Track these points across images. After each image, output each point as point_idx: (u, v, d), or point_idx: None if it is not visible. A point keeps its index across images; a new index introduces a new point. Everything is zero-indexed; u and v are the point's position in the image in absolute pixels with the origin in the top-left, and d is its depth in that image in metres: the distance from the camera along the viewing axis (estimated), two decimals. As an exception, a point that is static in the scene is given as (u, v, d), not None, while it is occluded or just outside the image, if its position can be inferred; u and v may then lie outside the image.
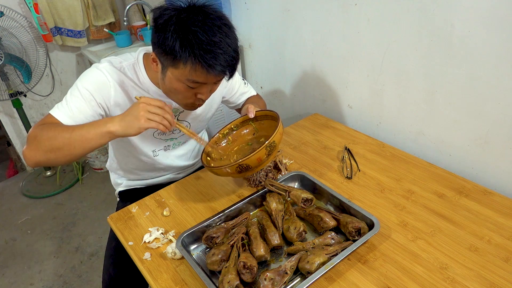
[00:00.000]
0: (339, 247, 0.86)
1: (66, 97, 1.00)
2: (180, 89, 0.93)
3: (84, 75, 1.02)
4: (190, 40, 0.84)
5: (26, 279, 1.92)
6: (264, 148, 0.92)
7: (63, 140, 0.88)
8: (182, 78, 0.90)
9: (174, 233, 0.98)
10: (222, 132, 1.17)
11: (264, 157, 0.94)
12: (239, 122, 1.17)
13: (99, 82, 1.00)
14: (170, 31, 0.85)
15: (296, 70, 1.69)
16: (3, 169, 2.83)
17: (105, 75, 1.01)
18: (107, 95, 1.02)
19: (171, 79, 0.93)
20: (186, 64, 0.86)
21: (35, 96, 2.57)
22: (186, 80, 0.90)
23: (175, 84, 0.93)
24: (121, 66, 1.04)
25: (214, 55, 0.85)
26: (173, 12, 0.86)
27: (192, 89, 0.93)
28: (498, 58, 0.99)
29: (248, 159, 0.91)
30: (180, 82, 0.92)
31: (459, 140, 1.17)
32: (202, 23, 0.84)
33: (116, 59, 1.06)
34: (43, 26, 2.25)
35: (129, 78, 1.04)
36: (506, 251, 0.87)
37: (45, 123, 0.94)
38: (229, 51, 0.87)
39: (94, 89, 0.99)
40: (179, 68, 0.88)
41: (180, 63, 0.87)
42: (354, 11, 1.30)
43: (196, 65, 0.86)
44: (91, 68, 1.03)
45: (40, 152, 0.90)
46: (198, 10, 0.87)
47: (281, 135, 0.98)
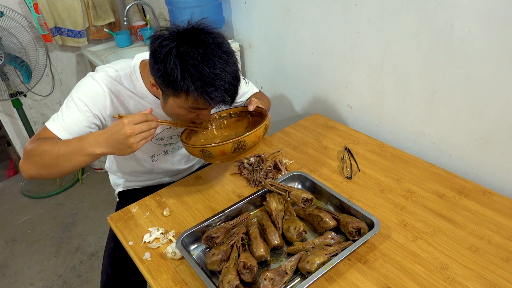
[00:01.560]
0: (339, 247, 0.86)
1: (62, 108, 0.99)
2: (182, 114, 0.96)
3: (80, 85, 1.01)
4: (192, 74, 0.84)
5: (26, 279, 1.92)
6: (231, 143, 0.92)
7: (51, 158, 0.89)
8: (185, 106, 0.92)
9: (174, 233, 0.98)
10: (219, 114, 1.16)
11: (230, 152, 0.94)
12: (238, 110, 1.16)
13: (95, 92, 0.99)
14: (170, 64, 0.84)
15: (296, 70, 1.69)
16: (3, 169, 2.83)
17: (100, 85, 1.00)
18: (103, 106, 1.01)
19: (173, 106, 0.94)
20: (188, 96, 0.87)
21: (35, 96, 2.57)
22: (188, 107, 0.92)
23: (176, 110, 0.95)
24: (117, 75, 1.03)
25: (215, 88, 0.86)
26: (173, 43, 0.85)
27: (193, 113, 0.96)
28: (498, 58, 0.99)
29: (211, 147, 0.93)
30: (181, 109, 0.94)
31: (459, 140, 1.17)
32: (203, 56, 0.84)
33: (111, 68, 1.04)
34: (43, 26, 2.25)
35: (125, 88, 1.04)
36: (506, 251, 0.87)
37: (39, 138, 0.95)
38: (229, 80, 0.88)
39: (89, 100, 0.98)
40: (181, 98, 0.89)
41: (181, 94, 0.87)
42: (354, 11, 1.30)
43: (198, 98, 0.87)
44: (86, 78, 1.02)
45: (33, 167, 0.93)
46: (197, 40, 0.85)
47: (256, 137, 0.96)
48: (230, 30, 1.99)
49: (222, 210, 0.99)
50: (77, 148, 0.88)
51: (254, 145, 0.99)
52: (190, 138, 1.10)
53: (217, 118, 1.16)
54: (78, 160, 0.89)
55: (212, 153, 0.94)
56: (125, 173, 1.29)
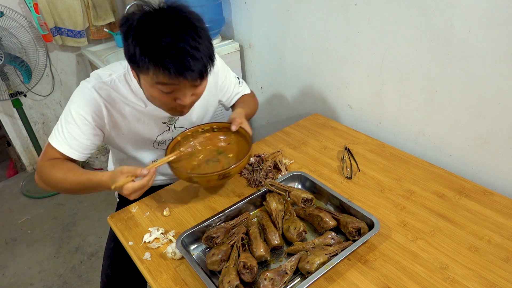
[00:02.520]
0: (339, 247, 0.86)
1: (62, 123, 1.01)
2: (156, 95, 0.92)
3: (75, 97, 1.01)
4: (150, 46, 0.82)
5: (26, 279, 1.92)
6: (217, 175, 0.96)
7: (64, 186, 0.99)
8: (152, 82, 0.88)
9: (174, 233, 0.98)
10: (202, 127, 1.16)
11: (215, 180, 0.98)
12: (221, 126, 1.16)
13: (90, 103, 0.99)
14: (130, 39, 0.84)
15: (296, 70, 1.69)
16: (3, 169, 2.83)
17: (94, 96, 0.99)
18: (100, 115, 1.01)
19: (145, 85, 0.92)
20: (149, 70, 0.84)
21: (35, 96, 2.57)
22: (156, 83, 0.88)
23: (149, 90, 0.92)
24: (111, 79, 1.02)
25: (176, 60, 0.82)
26: (137, 17, 0.84)
27: (168, 94, 0.91)
28: (498, 58, 0.99)
29: (197, 177, 0.98)
30: (153, 88, 0.90)
31: (459, 140, 1.17)
32: (162, 26, 0.82)
33: (105, 72, 1.03)
34: (43, 26, 2.25)
35: (120, 94, 1.03)
36: (506, 251, 0.87)
37: (49, 158, 1.02)
38: (195, 55, 0.83)
39: (86, 112, 0.99)
40: (146, 74, 0.87)
41: (144, 69, 0.86)
42: (354, 11, 1.30)
43: (158, 71, 0.84)
44: (81, 88, 1.01)
45: (47, 187, 1.03)
46: (162, 13, 0.84)
47: (240, 168, 1.00)
48: (230, 30, 1.99)
49: (222, 210, 0.99)
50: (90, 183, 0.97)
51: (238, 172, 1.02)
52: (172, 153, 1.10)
53: (199, 132, 1.16)
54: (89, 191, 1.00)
55: (199, 181, 1.00)
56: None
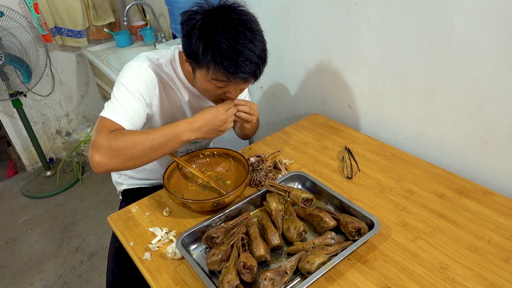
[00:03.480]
0: (339, 247, 0.86)
1: (116, 97, 0.97)
2: (209, 89, 0.98)
3: (130, 73, 1.00)
4: (212, 47, 0.86)
5: (26, 279, 1.92)
6: (210, 203, 0.97)
7: (144, 149, 0.92)
8: (208, 78, 0.94)
9: (174, 233, 0.98)
10: (203, 153, 1.19)
11: (209, 208, 0.99)
12: (221, 152, 1.19)
13: (147, 81, 1.02)
14: (194, 37, 0.88)
15: (296, 70, 1.69)
16: (3, 169, 2.84)
17: (150, 73, 1.03)
18: (153, 94, 1.05)
19: (200, 79, 0.97)
20: (209, 69, 0.90)
21: (35, 96, 2.57)
22: (212, 80, 0.94)
23: (204, 84, 0.97)
24: (159, 64, 1.07)
25: (235, 62, 0.87)
26: (200, 16, 0.88)
27: (221, 89, 0.97)
28: (498, 58, 0.99)
29: (191, 203, 0.98)
30: (208, 82, 0.95)
31: (459, 140, 1.17)
32: (225, 29, 0.86)
33: (153, 56, 1.07)
34: (43, 26, 2.25)
35: (167, 76, 1.08)
36: (506, 251, 0.87)
37: (111, 130, 0.92)
38: (251, 58, 0.88)
39: (143, 88, 1.01)
40: (203, 69, 0.92)
41: (203, 66, 0.90)
42: (354, 11, 1.30)
43: (218, 72, 0.89)
44: (134, 66, 1.02)
45: (118, 160, 0.91)
46: (224, 15, 0.88)
47: (235, 197, 1.02)
48: (230, 30, 1.99)
49: (222, 210, 0.99)
50: (171, 136, 0.95)
51: (233, 201, 1.03)
52: (172, 176, 1.12)
53: (200, 157, 1.19)
54: (171, 147, 0.96)
55: (192, 207, 1.01)
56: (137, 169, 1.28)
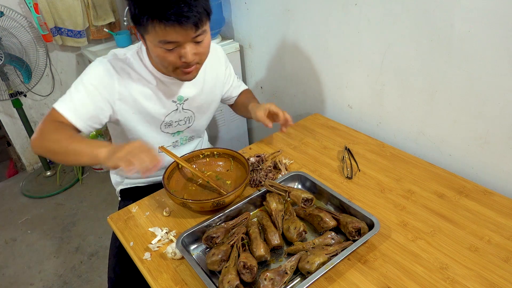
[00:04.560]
0: (339, 247, 0.86)
1: (70, 90, 1.01)
2: (162, 55, 0.94)
3: (89, 68, 1.04)
4: (145, 2, 0.86)
5: (26, 279, 1.92)
6: (211, 202, 0.97)
7: (60, 148, 0.94)
8: (155, 41, 0.91)
9: (174, 233, 0.98)
10: (203, 153, 1.20)
11: (209, 208, 0.99)
12: (221, 152, 1.19)
13: (104, 75, 1.02)
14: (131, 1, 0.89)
15: (296, 70, 1.69)
16: (3, 169, 2.83)
17: (108, 68, 1.03)
18: (111, 88, 1.03)
19: (151, 47, 0.96)
20: (147, 26, 0.89)
21: (35, 96, 2.57)
22: (159, 43, 0.91)
23: (155, 51, 0.94)
24: (126, 57, 1.06)
25: (170, 7, 0.85)
26: None
27: (171, 52, 0.93)
28: (498, 58, 0.99)
29: (191, 203, 0.98)
30: (157, 47, 0.93)
31: (459, 140, 1.17)
32: None
33: (121, 50, 1.08)
34: (43, 26, 2.25)
35: (132, 69, 1.06)
36: (506, 251, 0.87)
37: (53, 120, 0.98)
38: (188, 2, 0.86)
39: (98, 83, 1.01)
40: (149, 33, 0.91)
41: (145, 28, 0.90)
42: (354, 11, 1.30)
43: (155, 25, 0.87)
44: (96, 62, 1.05)
45: (42, 148, 0.97)
46: None
47: (235, 196, 1.01)
48: (230, 30, 1.99)
49: (222, 210, 0.99)
50: (86, 147, 0.92)
51: (233, 201, 1.03)
52: (172, 176, 1.12)
53: (200, 157, 1.19)
54: (84, 160, 0.93)
55: (192, 207, 1.01)
56: None
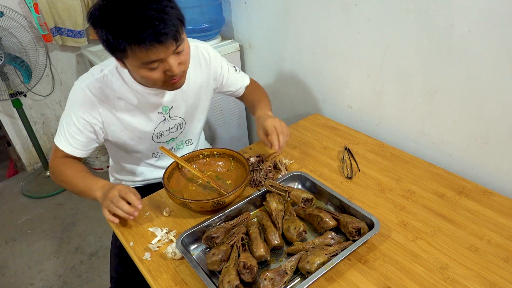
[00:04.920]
0: (339, 247, 0.86)
1: (62, 124, 1.05)
2: (147, 75, 0.92)
3: (71, 99, 1.04)
4: (118, 27, 0.83)
5: (26, 279, 1.92)
6: (211, 202, 0.97)
7: (69, 188, 1.09)
8: (137, 64, 0.89)
9: (174, 233, 0.98)
10: (203, 153, 1.19)
11: (209, 208, 0.99)
12: (221, 152, 1.19)
13: (85, 103, 1.02)
14: (99, 28, 0.85)
15: (296, 70, 1.69)
16: (3, 169, 2.83)
17: (88, 95, 1.02)
18: (96, 115, 1.04)
19: (133, 70, 0.93)
20: (126, 52, 0.86)
21: (35, 96, 2.57)
22: (142, 64, 0.89)
23: (139, 73, 0.92)
24: (103, 75, 1.04)
25: (145, 28, 0.82)
26: (97, 6, 0.85)
27: (156, 70, 0.91)
28: (498, 58, 0.99)
29: (191, 203, 0.98)
30: (141, 69, 0.91)
31: (459, 140, 1.17)
32: (123, 5, 0.82)
33: (97, 68, 1.06)
34: (43, 26, 2.25)
35: (112, 89, 1.04)
36: (506, 251, 0.87)
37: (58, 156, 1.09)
38: (162, 18, 0.83)
39: (82, 112, 1.02)
40: (128, 57, 0.88)
41: (124, 54, 0.87)
42: (354, 11, 1.30)
43: (135, 49, 0.84)
44: (75, 89, 1.04)
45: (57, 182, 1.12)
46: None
47: (235, 197, 1.01)
48: (230, 30, 1.99)
49: (222, 210, 0.99)
50: (87, 190, 1.04)
51: (233, 201, 1.03)
52: (172, 176, 1.12)
53: (200, 157, 1.19)
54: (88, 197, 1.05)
55: (192, 207, 1.01)
56: (129, 172, 1.29)
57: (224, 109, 2.04)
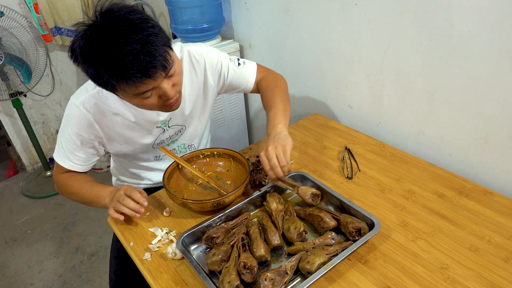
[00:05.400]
0: (339, 247, 0.86)
1: (61, 140, 1.05)
2: (142, 103, 0.90)
3: (67, 116, 1.03)
4: (100, 64, 0.79)
5: (26, 279, 1.92)
6: (211, 203, 0.97)
7: (77, 200, 1.10)
8: (129, 96, 0.87)
9: (175, 234, 0.98)
10: (203, 153, 1.19)
11: (209, 208, 1.00)
12: (221, 152, 1.19)
13: (83, 121, 1.01)
14: (83, 65, 0.82)
15: (296, 70, 1.69)
16: (3, 169, 2.83)
17: (83, 113, 1.00)
18: (94, 129, 1.03)
19: (127, 100, 0.92)
20: (114, 87, 0.83)
21: (35, 96, 2.57)
22: (134, 96, 0.86)
23: (134, 102, 0.90)
24: (98, 91, 1.01)
25: (131, 66, 0.77)
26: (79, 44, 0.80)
27: (151, 98, 0.88)
28: (498, 58, 0.99)
29: (192, 203, 0.99)
30: (133, 99, 0.88)
31: (459, 140, 1.17)
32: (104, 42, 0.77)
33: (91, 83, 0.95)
34: (43, 26, 2.25)
35: (107, 105, 1.02)
36: (506, 251, 0.87)
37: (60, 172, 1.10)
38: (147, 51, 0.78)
39: (80, 129, 1.02)
40: (118, 91, 0.86)
41: (113, 89, 0.85)
42: (354, 11, 1.30)
43: (123, 86, 0.82)
44: (71, 106, 1.02)
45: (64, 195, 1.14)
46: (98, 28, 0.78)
47: (235, 197, 1.01)
48: (230, 30, 1.99)
49: (222, 210, 0.99)
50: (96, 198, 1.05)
51: (233, 201, 1.03)
52: (172, 176, 1.12)
53: (200, 157, 1.19)
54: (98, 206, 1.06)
55: (192, 208, 1.01)
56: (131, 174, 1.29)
57: (224, 109, 2.04)
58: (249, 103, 2.15)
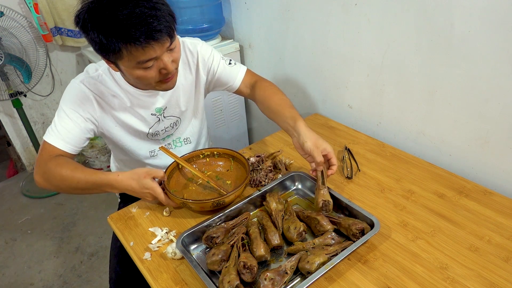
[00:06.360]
0: (339, 247, 0.86)
1: (55, 120, 1.03)
2: (142, 75, 0.92)
3: (66, 93, 1.04)
4: (110, 27, 0.82)
5: (26, 279, 1.92)
6: (211, 202, 0.97)
7: (71, 184, 0.99)
8: (133, 64, 0.89)
9: (174, 233, 0.98)
10: (203, 153, 1.19)
11: (209, 208, 0.99)
12: (221, 152, 1.19)
13: (81, 97, 1.02)
14: (90, 30, 0.85)
15: (296, 70, 1.69)
16: (3, 169, 2.83)
17: (82, 89, 1.02)
18: (92, 108, 1.04)
19: (128, 71, 0.93)
20: (121, 52, 0.86)
21: (35, 96, 2.57)
22: (137, 64, 0.89)
23: (134, 74, 0.93)
24: (98, 74, 1.05)
25: (139, 26, 0.82)
26: (86, 9, 0.84)
27: (151, 69, 0.91)
28: (498, 58, 0.99)
29: (191, 203, 0.98)
30: (136, 69, 0.91)
31: (459, 140, 1.17)
32: (112, 5, 0.82)
33: (92, 66, 1.07)
34: (43, 26, 2.25)
35: (107, 87, 1.05)
36: (506, 251, 0.87)
37: (50, 154, 1.01)
38: (154, 14, 0.83)
39: (77, 105, 1.02)
40: (123, 58, 0.88)
41: (118, 54, 0.87)
42: (354, 11, 1.30)
43: (131, 49, 0.84)
44: (71, 84, 1.05)
45: (50, 185, 1.02)
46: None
47: (235, 196, 1.01)
48: (230, 30, 1.99)
49: (222, 210, 0.99)
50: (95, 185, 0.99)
51: (233, 201, 1.03)
52: (172, 176, 1.12)
53: (200, 157, 1.19)
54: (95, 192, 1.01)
55: (192, 207, 1.01)
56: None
57: (224, 109, 2.04)
58: (249, 103, 2.15)
